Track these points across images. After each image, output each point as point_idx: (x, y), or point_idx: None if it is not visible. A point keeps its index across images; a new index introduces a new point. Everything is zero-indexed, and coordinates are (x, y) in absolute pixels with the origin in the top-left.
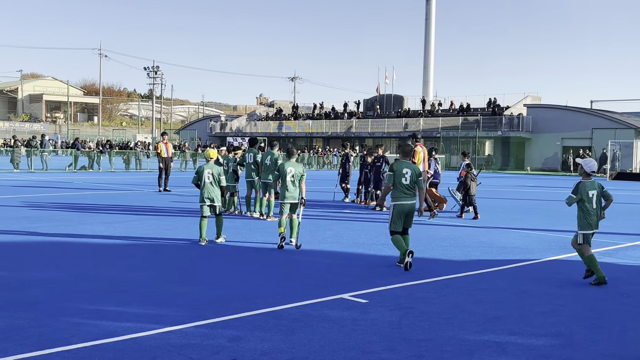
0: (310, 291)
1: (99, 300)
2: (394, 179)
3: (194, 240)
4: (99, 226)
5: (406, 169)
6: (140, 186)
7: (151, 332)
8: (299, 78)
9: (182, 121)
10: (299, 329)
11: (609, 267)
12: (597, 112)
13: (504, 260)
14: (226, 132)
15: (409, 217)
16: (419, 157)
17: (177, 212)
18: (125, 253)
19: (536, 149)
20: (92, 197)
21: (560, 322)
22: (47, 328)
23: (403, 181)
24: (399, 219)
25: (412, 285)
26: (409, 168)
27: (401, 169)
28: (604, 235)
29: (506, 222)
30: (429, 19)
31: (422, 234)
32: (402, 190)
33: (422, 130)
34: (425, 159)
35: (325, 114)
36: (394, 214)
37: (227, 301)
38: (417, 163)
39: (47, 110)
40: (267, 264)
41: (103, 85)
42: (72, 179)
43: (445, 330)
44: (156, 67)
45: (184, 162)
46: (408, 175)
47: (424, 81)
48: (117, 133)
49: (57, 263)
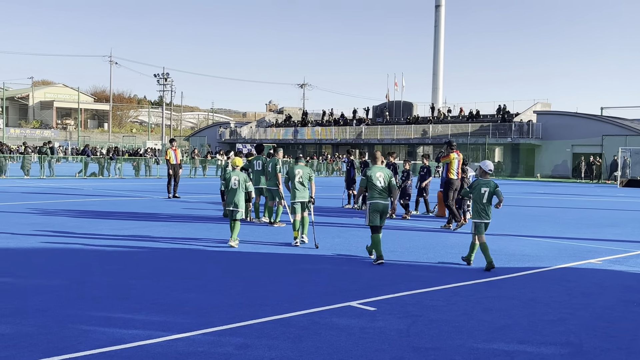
0: (318, 298)
1: (106, 307)
2: (367, 182)
3: (202, 247)
4: (107, 233)
5: (379, 172)
6: (150, 193)
7: (158, 339)
8: (308, 85)
9: (191, 128)
10: (306, 337)
11: (618, 275)
12: (607, 119)
13: (513, 268)
14: (235, 138)
15: (382, 216)
16: (453, 165)
17: (186, 218)
18: (133, 260)
19: (546, 155)
20: (101, 204)
21: (569, 330)
22: (55, 335)
23: (377, 184)
24: (375, 215)
25: (421, 293)
26: (382, 172)
27: (374, 173)
28: (614, 243)
29: (515, 230)
30: (438, 25)
31: (431, 241)
32: (377, 192)
33: (432, 137)
34: (459, 166)
35: (335, 120)
36: (370, 211)
37: (234, 308)
38: (451, 170)
39: (57, 117)
40: (275, 271)
41: (113, 92)
42: (82, 185)
43: (454, 338)
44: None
45: (194, 169)
46: (381, 178)
47: (433, 88)
48: (127, 140)
49: (64, 270)
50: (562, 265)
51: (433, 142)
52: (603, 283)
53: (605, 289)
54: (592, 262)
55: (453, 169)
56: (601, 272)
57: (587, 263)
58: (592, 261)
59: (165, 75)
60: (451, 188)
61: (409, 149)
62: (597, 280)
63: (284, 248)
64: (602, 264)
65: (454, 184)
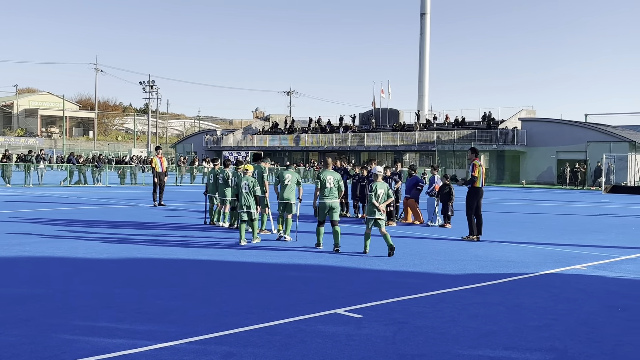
0: (304, 306)
1: (90, 316)
2: (320, 184)
3: (187, 255)
4: (91, 241)
5: (329, 176)
6: (135, 201)
7: (143, 348)
8: (295, 92)
9: (177, 135)
10: (292, 345)
11: (603, 281)
12: (591, 126)
13: (498, 274)
14: (222, 146)
15: (331, 212)
16: (478, 171)
17: (171, 227)
18: (117, 268)
19: (531, 162)
20: (86, 212)
21: (554, 336)
22: (39, 345)
23: (327, 185)
24: (322, 212)
25: (407, 300)
26: (332, 175)
27: (325, 176)
28: (598, 248)
29: (501, 236)
30: (423, 33)
31: (417, 247)
32: (327, 191)
33: (417, 144)
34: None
35: (321, 128)
36: (318, 208)
37: (220, 317)
38: (477, 177)
39: (42, 124)
40: (261, 278)
41: (99, 99)
42: (67, 193)
43: (440, 345)
44: (152, 81)
45: (180, 177)
46: (331, 181)
47: (419, 95)
48: (112, 147)
49: (48, 279)
50: (548, 271)
51: (419, 149)
52: (588, 289)
53: (590, 294)
54: (577, 268)
55: (479, 176)
56: (586, 277)
57: (572, 269)
58: (577, 267)
59: (151, 83)
60: (476, 197)
61: (395, 155)
62: (582, 286)
63: (269, 256)
64: (587, 270)
65: (479, 193)
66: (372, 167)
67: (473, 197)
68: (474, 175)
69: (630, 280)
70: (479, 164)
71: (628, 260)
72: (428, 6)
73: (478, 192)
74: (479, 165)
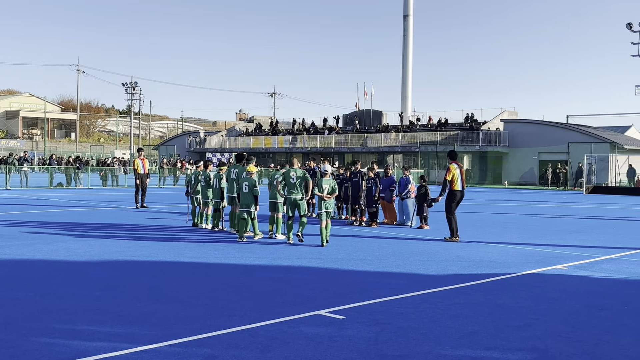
0: (286, 308)
1: (70, 319)
2: (285, 179)
3: (169, 258)
4: (72, 244)
5: (293, 172)
6: (117, 203)
7: (124, 351)
8: (279, 94)
9: (160, 137)
10: (274, 347)
11: (584, 281)
12: (573, 127)
13: (480, 275)
14: (205, 147)
15: (297, 207)
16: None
17: (153, 229)
18: (98, 271)
19: (513, 163)
20: (67, 215)
21: (535, 336)
22: (18, 349)
23: (291, 181)
24: (290, 207)
25: (389, 301)
26: (295, 172)
27: (289, 173)
28: (579, 248)
29: (483, 236)
30: (406, 35)
31: (399, 248)
32: (290, 188)
33: (401, 145)
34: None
35: (305, 129)
36: (287, 204)
37: (201, 319)
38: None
39: (24, 126)
40: (243, 280)
41: (81, 101)
42: (48, 195)
43: (422, 345)
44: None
45: (162, 179)
46: (294, 177)
47: (402, 97)
48: (94, 149)
49: (27, 282)
50: (529, 271)
51: (402, 150)
52: (568, 289)
53: (571, 294)
54: (558, 268)
55: (455, 180)
56: (567, 277)
57: (553, 269)
58: (558, 267)
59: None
60: (454, 200)
61: (379, 157)
62: (563, 285)
63: (252, 257)
64: (568, 270)
65: (457, 196)
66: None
67: (450, 200)
68: (446, 178)
69: (610, 280)
70: (455, 167)
71: (608, 260)
72: (411, 8)
73: (455, 194)
74: (454, 169)
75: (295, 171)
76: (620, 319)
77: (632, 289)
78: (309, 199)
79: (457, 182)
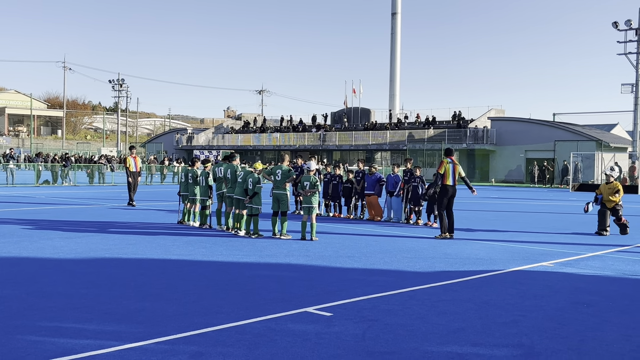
0: (274, 305)
1: (57, 317)
2: (272, 175)
3: (156, 255)
4: (58, 242)
5: (278, 170)
6: (104, 200)
7: (110, 349)
8: (267, 91)
9: (148, 134)
10: (262, 344)
11: (569, 277)
12: (559, 125)
13: (467, 271)
14: (193, 145)
15: (280, 202)
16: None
17: (140, 226)
18: (84, 269)
19: (500, 161)
20: (54, 212)
21: (521, 332)
22: (4, 347)
23: (276, 178)
24: (274, 203)
25: (377, 298)
26: (280, 170)
27: (275, 170)
28: (565, 245)
29: (470, 234)
30: (394, 33)
31: (387, 245)
32: (276, 184)
33: (389, 143)
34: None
35: (293, 126)
36: (273, 199)
37: (189, 316)
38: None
39: (9, 123)
40: (231, 278)
41: (67, 98)
42: (35, 193)
43: (409, 342)
44: (121, 79)
45: (150, 176)
46: (279, 174)
47: (390, 94)
48: (81, 147)
49: (13, 280)
50: (515, 268)
51: (391, 148)
52: (554, 285)
53: (557, 291)
54: (544, 265)
55: (448, 176)
56: (553, 274)
57: (539, 266)
58: (544, 264)
59: (120, 81)
60: (445, 195)
61: (367, 154)
62: (549, 282)
63: (240, 255)
64: (554, 267)
65: (448, 191)
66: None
67: (442, 195)
68: (438, 172)
69: (596, 277)
70: (448, 161)
71: (594, 257)
72: (399, 6)
73: (447, 189)
74: (446, 163)
75: (281, 168)
76: (605, 315)
77: (617, 286)
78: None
79: (448, 177)
